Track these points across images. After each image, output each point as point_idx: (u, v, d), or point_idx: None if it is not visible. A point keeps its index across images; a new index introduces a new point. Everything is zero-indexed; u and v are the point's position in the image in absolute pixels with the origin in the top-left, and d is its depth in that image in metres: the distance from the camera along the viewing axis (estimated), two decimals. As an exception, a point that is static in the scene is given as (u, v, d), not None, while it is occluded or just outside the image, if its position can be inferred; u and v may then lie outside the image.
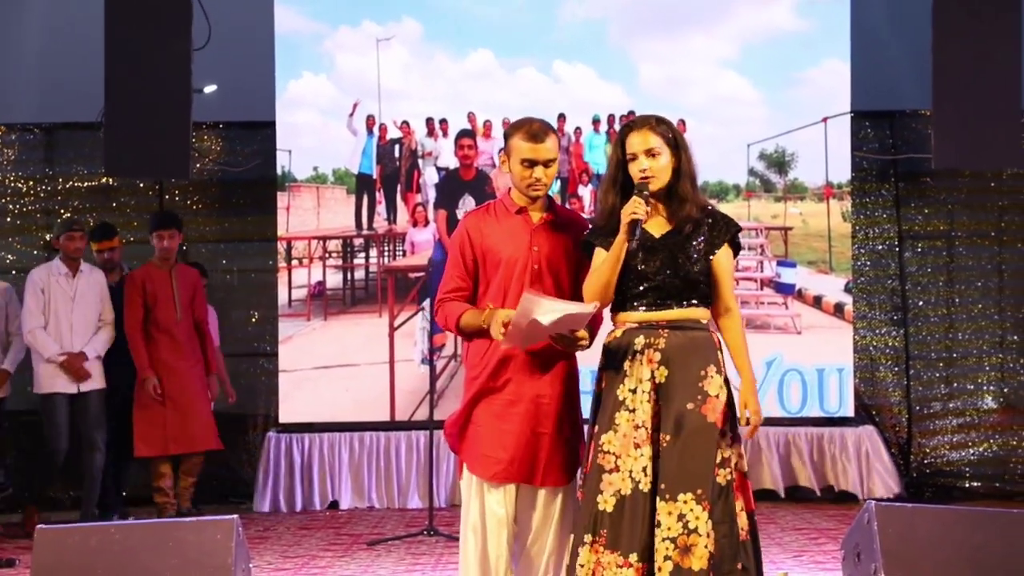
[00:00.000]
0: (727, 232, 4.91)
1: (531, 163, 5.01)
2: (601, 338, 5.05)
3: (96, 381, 8.98)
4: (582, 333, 4.86)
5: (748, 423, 4.86)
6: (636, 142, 4.86)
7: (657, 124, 4.88)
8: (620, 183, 4.94)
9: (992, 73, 7.84)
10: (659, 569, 4.67)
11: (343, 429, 10.17)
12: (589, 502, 4.79)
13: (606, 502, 4.76)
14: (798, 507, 9.85)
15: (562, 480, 5.01)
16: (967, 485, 10.45)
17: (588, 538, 4.76)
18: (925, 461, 10.64)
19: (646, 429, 4.77)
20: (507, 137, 5.10)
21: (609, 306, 4.96)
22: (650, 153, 4.84)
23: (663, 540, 4.68)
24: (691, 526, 4.67)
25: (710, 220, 4.91)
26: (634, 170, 4.86)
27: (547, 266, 5.03)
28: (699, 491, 4.69)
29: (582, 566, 4.74)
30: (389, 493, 10.20)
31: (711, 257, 4.89)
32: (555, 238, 5.08)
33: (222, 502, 9.40)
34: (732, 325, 4.94)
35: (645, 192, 4.81)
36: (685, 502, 4.69)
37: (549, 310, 4.71)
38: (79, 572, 5.55)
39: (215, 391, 9.50)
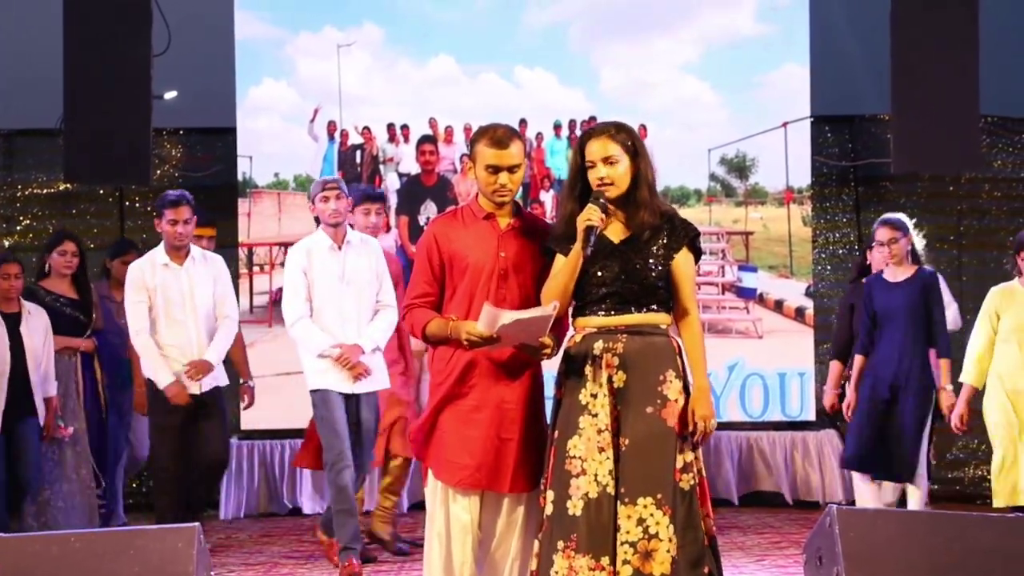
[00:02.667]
0: (685, 236, 4.94)
1: (495, 169, 5.03)
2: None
3: (376, 379, 7.32)
4: (546, 340, 4.88)
5: (696, 428, 4.85)
6: (594, 150, 4.88)
7: (616, 132, 4.90)
8: (579, 190, 4.96)
9: (950, 78, 7.90)
10: (617, 573, 4.70)
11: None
12: (559, 508, 4.80)
13: (575, 506, 4.77)
14: (760, 511, 9.90)
15: (527, 486, 5.02)
16: (927, 488, 10.52)
17: (561, 544, 4.76)
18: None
19: (608, 433, 4.80)
20: (472, 143, 5.12)
21: (570, 311, 4.98)
22: (608, 161, 4.86)
23: (622, 544, 4.71)
24: (651, 531, 4.70)
25: (669, 225, 4.93)
26: (592, 177, 4.89)
27: (514, 272, 5.05)
28: (659, 496, 4.72)
29: (556, 572, 4.75)
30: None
31: (670, 262, 4.91)
32: (522, 244, 5.10)
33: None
34: (690, 329, 4.96)
35: (601, 199, 4.83)
36: (645, 506, 4.71)
37: (509, 319, 4.74)
38: (40, 581, 5.54)
39: None
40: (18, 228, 10.74)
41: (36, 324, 7.92)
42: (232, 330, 7.77)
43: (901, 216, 7.86)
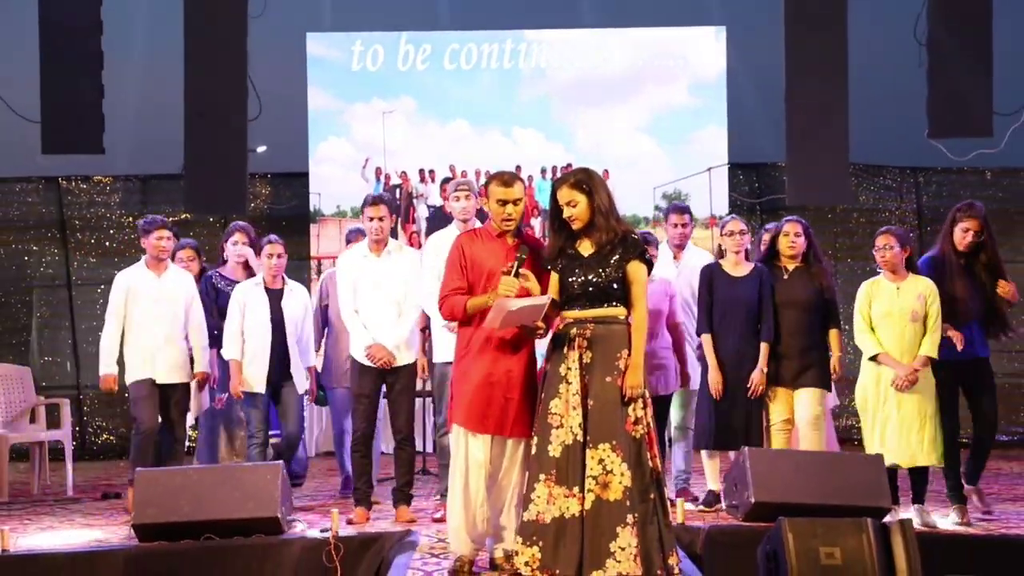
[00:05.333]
0: (634, 251, 4.98)
1: (503, 202, 5.10)
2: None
3: None
4: (540, 324, 4.96)
5: (625, 393, 4.85)
6: (559, 197, 4.98)
7: (573, 181, 4.96)
8: (557, 224, 5.05)
9: (829, 136, 7.93)
10: (584, 499, 4.76)
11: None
12: (542, 451, 4.86)
13: (555, 450, 4.83)
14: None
15: (525, 432, 5.06)
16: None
17: (542, 476, 4.83)
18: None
19: (579, 396, 4.85)
20: (486, 184, 5.20)
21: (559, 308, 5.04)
22: (569, 204, 4.96)
23: (588, 477, 4.77)
24: (608, 468, 4.75)
25: (623, 242, 4.98)
26: (564, 215, 4.98)
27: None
28: (614, 442, 4.77)
29: (539, 496, 4.81)
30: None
31: (623, 270, 4.95)
32: None
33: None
34: (635, 320, 4.99)
35: (515, 266, 4.96)
36: (604, 450, 4.77)
37: (514, 306, 4.85)
38: (168, 503, 5.57)
39: None
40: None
41: (296, 300, 7.05)
42: (409, 317, 6.44)
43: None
